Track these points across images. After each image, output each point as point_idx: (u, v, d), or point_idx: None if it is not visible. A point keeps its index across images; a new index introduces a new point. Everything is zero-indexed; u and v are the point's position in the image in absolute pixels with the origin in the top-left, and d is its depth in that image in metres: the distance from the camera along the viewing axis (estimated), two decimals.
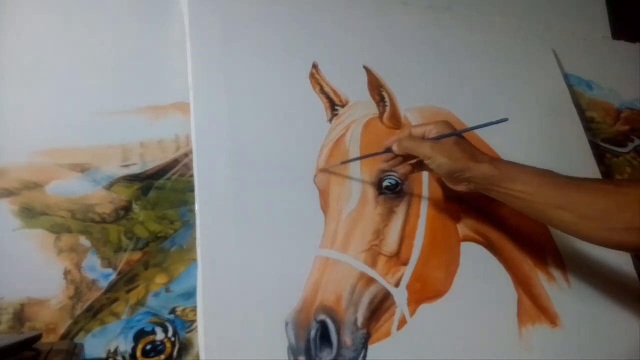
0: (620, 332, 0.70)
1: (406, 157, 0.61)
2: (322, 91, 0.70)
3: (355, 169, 0.66)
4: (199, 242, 0.58)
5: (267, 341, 0.56)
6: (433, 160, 0.57)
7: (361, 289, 0.60)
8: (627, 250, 0.65)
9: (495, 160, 0.58)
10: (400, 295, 0.62)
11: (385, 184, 0.66)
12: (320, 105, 0.70)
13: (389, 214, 0.65)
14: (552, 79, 0.88)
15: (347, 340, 0.58)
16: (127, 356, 0.55)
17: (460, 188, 0.59)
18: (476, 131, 0.73)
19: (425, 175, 0.69)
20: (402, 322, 0.61)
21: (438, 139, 0.58)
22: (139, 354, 0.55)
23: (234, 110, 0.64)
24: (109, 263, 0.57)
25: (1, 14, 0.64)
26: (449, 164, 0.57)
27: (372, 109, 0.72)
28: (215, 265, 0.57)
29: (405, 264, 0.63)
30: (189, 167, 0.63)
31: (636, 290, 0.72)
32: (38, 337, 0.48)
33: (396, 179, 0.66)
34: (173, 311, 0.58)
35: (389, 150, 0.61)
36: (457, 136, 0.59)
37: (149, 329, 0.56)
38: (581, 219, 0.52)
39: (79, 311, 0.55)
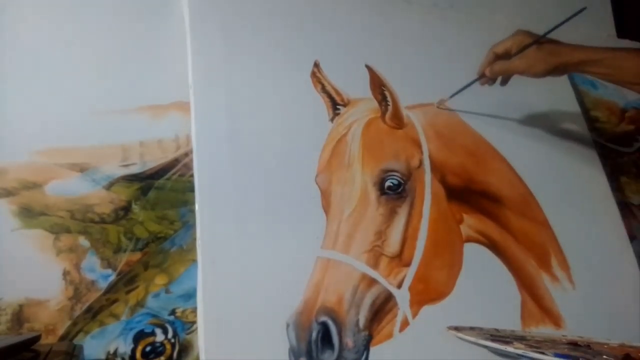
0: (624, 333, 0.69)
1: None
2: (324, 90, 0.70)
3: (357, 169, 0.66)
4: (199, 242, 0.57)
5: (267, 343, 0.55)
6: (530, 71, 0.67)
7: (363, 290, 0.60)
8: None
9: (573, 46, 0.68)
10: (402, 297, 0.61)
11: (387, 184, 0.65)
12: (321, 104, 0.69)
13: (391, 214, 0.65)
14: (556, 77, 0.87)
15: (349, 341, 0.57)
16: (127, 357, 0.54)
17: (555, 75, 0.69)
18: (482, 132, 0.72)
19: (427, 175, 0.69)
20: (404, 324, 0.60)
21: (521, 51, 0.67)
22: (138, 355, 0.55)
23: (234, 109, 0.64)
24: (108, 263, 0.57)
25: (1, 14, 0.63)
26: (544, 68, 0.67)
27: (374, 108, 0.71)
28: (215, 266, 0.56)
29: (408, 264, 0.63)
30: (189, 166, 0.63)
31: None
32: (37, 338, 0.48)
33: (398, 178, 0.66)
34: (173, 312, 0.57)
35: (483, 75, 0.72)
36: (536, 43, 0.68)
37: (148, 330, 0.56)
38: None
39: (78, 312, 0.55)
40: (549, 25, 0.94)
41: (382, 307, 0.60)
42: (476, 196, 0.70)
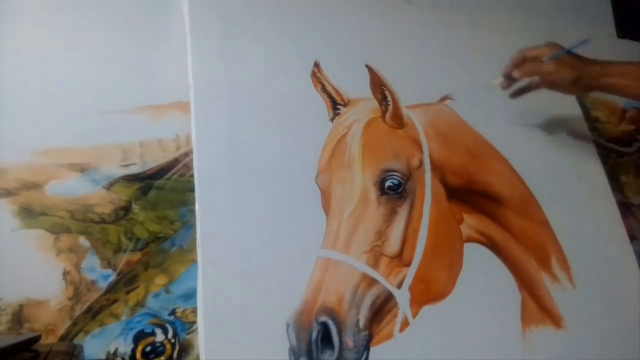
0: (624, 333, 0.69)
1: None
2: (324, 90, 0.70)
3: (357, 169, 0.66)
4: (199, 242, 0.57)
5: (267, 342, 0.55)
6: (557, 74, 0.70)
7: (363, 290, 0.60)
8: None
9: (597, 61, 0.71)
10: (402, 297, 0.61)
11: (388, 183, 0.65)
12: (321, 104, 0.69)
13: (391, 214, 0.64)
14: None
15: (349, 341, 0.57)
16: (127, 357, 0.54)
17: (578, 92, 0.75)
18: (482, 132, 0.73)
19: (428, 175, 0.68)
20: (405, 324, 0.60)
21: (554, 57, 0.70)
22: (138, 355, 0.55)
23: (234, 109, 0.64)
24: (108, 263, 0.57)
25: (1, 14, 0.63)
26: (572, 74, 0.69)
27: (374, 108, 0.71)
28: (215, 266, 0.56)
29: (408, 264, 0.63)
30: (189, 166, 0.63)
31: None
32: (37, 338, 0.48)
33: (398, 178, 0.66)
34: (173, 312, 0.57)
35: (509, 76, 0.72)
36: (567, 53, 0.71)
37: (148, 330, 0.56)
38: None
39: (78, 312, 0.55)
40: (548, 24, 0.94)
41: (382, 307, 0.60)
42: (476, 196, 0.70)
